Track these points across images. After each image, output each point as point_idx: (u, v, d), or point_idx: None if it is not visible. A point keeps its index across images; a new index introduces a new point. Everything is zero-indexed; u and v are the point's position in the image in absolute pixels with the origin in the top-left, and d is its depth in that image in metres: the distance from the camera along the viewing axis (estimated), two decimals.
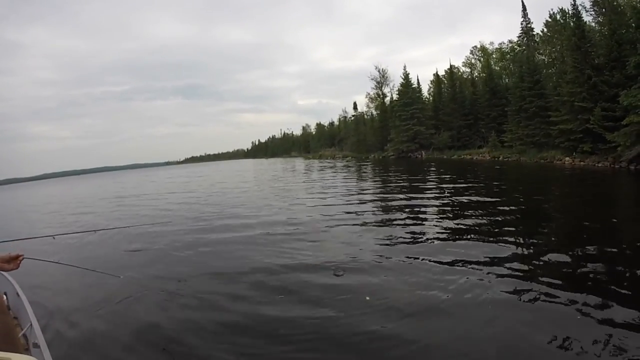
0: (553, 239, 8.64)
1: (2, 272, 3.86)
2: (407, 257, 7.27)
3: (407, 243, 8.40)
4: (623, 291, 5.14)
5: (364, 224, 10.63)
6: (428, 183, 20.59)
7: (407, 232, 9.16)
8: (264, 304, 5.66)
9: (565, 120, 27.33)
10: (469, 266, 6.59)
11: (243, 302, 5.77)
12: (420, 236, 8.86)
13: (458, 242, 8.16)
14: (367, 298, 5.55)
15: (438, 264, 6.81)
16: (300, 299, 5.79)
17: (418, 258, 7.17)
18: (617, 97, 22.16)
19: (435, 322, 4.80)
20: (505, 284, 5.74)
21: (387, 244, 8.38)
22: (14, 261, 2.40)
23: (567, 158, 27.33)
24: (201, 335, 4.84)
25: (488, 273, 6.21)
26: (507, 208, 11.67)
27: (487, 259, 6.82)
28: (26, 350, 2.62)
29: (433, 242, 8.35)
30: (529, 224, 9.82)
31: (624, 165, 20.97)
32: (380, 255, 7.52)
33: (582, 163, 25.21)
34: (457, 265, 6.67)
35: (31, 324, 3.05)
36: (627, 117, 20.49)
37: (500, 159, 36.67)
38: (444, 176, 23.73)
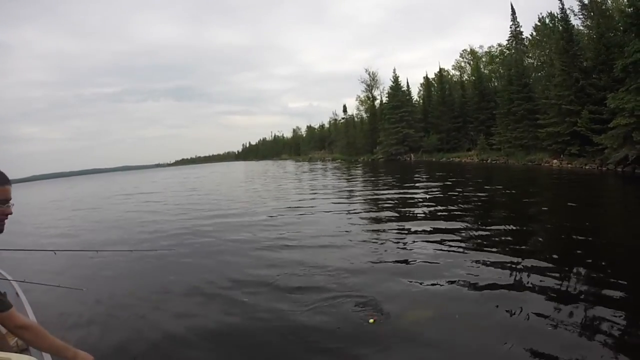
0: (538, 239, 8.61)
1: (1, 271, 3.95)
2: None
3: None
4: (605, 292, 5.08)
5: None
6: (417, 184, 20.55)
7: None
8: None
9: (553, 123, 27.36)
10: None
11: None
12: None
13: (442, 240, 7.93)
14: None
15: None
16: None
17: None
18: (604, 100, 22.16)
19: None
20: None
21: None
22: None
23: (554, 160, 27.38)
24: None
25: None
26: (492, 211, 11.75)
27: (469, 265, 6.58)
28: (25, 351, 2.54)
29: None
30: (513, 223, 9.74)
31: (612, 167, 20.99)
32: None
33: (569, 165, 25.24)
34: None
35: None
36: (614, 119, 20.47)
37: (489, 161, 36.75)
38: (432, 182, 23.40)
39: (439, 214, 11.75)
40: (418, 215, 11.65)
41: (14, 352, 2.02)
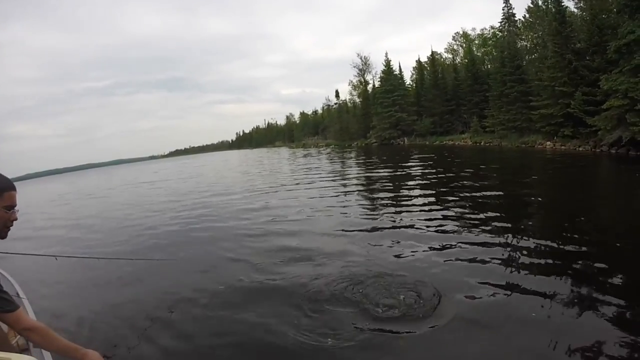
0: (530, 223, 8.74)
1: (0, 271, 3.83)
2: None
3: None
4: (598, 278, 5.19)
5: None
6: (412, 169, 20.71)
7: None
8: None
9: (546, 104, 27.49)
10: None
11: None
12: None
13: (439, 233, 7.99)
14: None
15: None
16: None
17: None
18: (597, 82, 22.27)
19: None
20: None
21: None
22: None
23: (548, 142, 27.61)
24: None
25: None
26: (486, 193, 11.90)
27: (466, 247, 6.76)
28: (26, 351, 2.55)
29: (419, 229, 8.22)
30: (506, 208, 9.99)
31: (605, 149, 21.21)
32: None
33: (563, 147, 25.47)
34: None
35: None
36: (608, 101, 20.62)
37: (482, 144, 36.95)
38: (425, 167, 23.56)
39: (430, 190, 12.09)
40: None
41: (15, 352, 2.00)
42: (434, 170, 19.43)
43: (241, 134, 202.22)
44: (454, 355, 3.80)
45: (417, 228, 8.26)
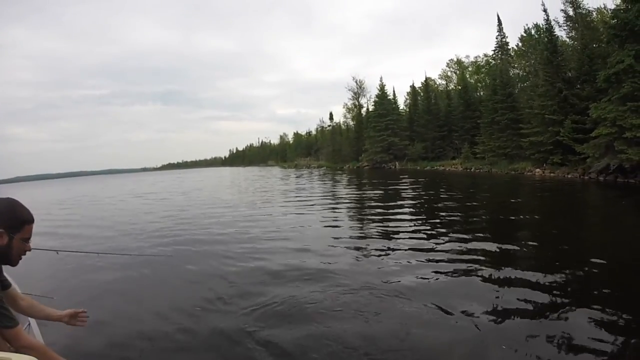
0: (512, 246, 8.32)
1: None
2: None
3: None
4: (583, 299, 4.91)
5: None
6: (402, 193, 20.43)
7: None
8: None
9: (536, 132, 27.44)
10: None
11: None
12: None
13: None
14: None
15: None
16: None
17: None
18: (587, 110, 22.29)
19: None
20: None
21: None
22: (74, 318, 2.22)
23: (537, 169, 27.47)
24: None
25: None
26: (473, 217, 11.59)
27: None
28: None
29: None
30: (495, 230, 9.70)
31: (594, 176, 21.07)
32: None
33: (552, 174, 25.30)
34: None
35: (29, 324, 2.86)
36: (597, 129, 20.55)
37: (472, 170, 36.76)
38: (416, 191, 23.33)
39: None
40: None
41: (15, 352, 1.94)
42: (423, 193, 19.19)
43: (234, 151, 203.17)
44: None
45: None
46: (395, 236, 9.06)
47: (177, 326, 4.63)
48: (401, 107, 61.38)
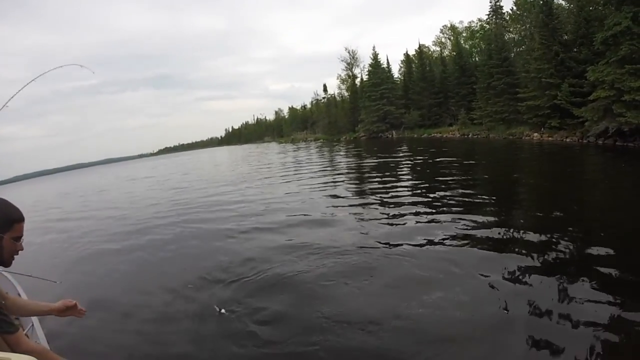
0: (513, 210, 8.94)
1: (2, 271, 3.86)
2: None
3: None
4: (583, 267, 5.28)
5: None
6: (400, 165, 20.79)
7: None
8: None
9: (533, 96, 27.69)
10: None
11: None
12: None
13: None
14: None
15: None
16: None
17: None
18: (584, 73, 22.50)
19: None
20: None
21: None
22: (70, 310, 2.12)
23: (535, 134, 27.88)
24: None
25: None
26: (471, 183, 12.14)
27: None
28: None
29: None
30: (493, 196, 10.11)
31: (592, 140, 21.42)
32: None
33: (550, 138, 25.73)
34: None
35: (33, 324, 3.01)
36: (594, 92, 20.81)
37: (470, 136, 37.19)
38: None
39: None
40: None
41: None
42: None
43: (230, 130, 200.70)
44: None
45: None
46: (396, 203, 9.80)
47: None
48: (396, 76, 60.89)
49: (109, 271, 7.34)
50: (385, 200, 10.54)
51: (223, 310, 4.75)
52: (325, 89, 79.69)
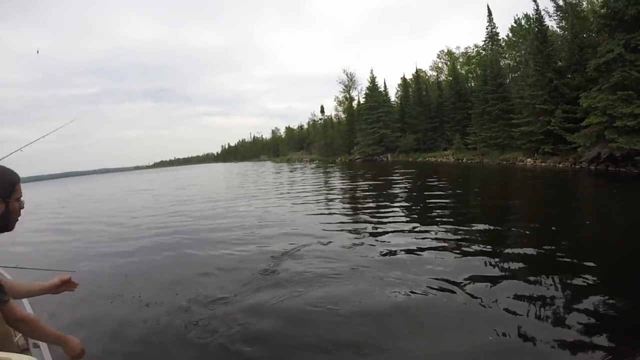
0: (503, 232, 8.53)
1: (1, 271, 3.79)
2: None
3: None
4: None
5: None
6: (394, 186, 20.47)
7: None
8: None
9: (527, 122, 27.59)
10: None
11: None
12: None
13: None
14: None
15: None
16: None
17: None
18: (577, 99, 22.41)
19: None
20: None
21: None
22: (65, 284, 2.19)
23: (528, 159, 27.65)
24: None
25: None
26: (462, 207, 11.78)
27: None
28: (26, 351, 2.56)
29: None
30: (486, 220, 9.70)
31: (585, 165, 21.19)
32: None
33: (543, 164, 25.48)
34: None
35: (25, 309, 2.88)
36: (587, 118, 20.67)
37: (464, 160, 36.92)
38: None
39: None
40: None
41: (15, 352, 1.94)
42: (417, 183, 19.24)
43: (226, 146, 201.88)
44: None
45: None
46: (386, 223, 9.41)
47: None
48: (392, 99, 61.35)
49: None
50: (376, 223, 9.99)
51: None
52: (322, 110, 79.99)
